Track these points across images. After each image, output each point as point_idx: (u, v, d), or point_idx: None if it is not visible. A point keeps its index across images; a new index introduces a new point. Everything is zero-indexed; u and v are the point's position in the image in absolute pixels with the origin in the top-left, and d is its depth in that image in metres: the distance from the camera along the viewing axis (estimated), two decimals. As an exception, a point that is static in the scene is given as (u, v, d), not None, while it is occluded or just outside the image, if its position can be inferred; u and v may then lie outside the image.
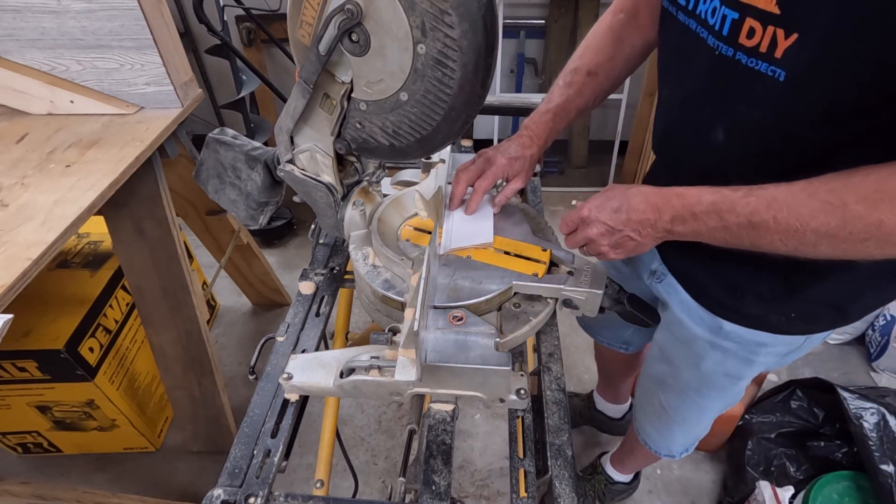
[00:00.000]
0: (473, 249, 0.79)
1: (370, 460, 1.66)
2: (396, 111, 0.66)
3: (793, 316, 0.75)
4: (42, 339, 1.32)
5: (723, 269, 0.77)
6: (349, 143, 0.72)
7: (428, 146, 0.69)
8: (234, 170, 0.84)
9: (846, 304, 0.73)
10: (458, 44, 0.57)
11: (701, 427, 1.08)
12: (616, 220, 0.68)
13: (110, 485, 1.62)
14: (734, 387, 0.91)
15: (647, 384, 1.08)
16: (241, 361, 1.99)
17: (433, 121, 0.65)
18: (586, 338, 2.00)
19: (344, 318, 1.08)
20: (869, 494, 1.26)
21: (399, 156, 0.72)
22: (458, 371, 0.64)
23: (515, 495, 0.64)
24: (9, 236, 0.88)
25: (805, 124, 0.57)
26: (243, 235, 1.75)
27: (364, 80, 0.65)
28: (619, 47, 0.86)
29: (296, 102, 0.70)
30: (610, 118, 2.87)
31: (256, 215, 0.86)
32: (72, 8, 1.10)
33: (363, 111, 0.68)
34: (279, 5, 2.18)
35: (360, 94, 0.67)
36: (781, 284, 0.73)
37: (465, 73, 0.60)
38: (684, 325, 0.87)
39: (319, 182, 0.78)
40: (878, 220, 0.50)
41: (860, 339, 1.99)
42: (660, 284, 0.91)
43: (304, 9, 0.61)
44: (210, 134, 0.84)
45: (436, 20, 0.56)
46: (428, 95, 0.63)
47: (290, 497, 0.63)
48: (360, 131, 0.71)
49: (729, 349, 0.83)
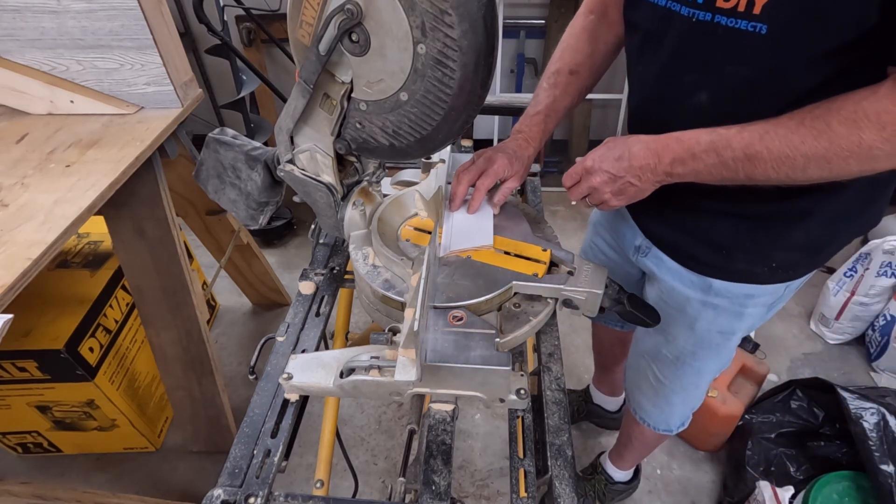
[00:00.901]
0: (473, 250, 0.79)
1: (370, 460, 1.66)
2: (396, 111, 0.66)
3: (774, 266, 0.81)
4: (42, 339, 1.32)
5: (706, 232, 0.82)
6: (349, 143, 0.72)
7: (428, 146, 0.69)
8: (235, 170, 0.83)
9: (822, 244, 0.79)
10: (458, 44, 0.57)
11: (698, 393, 1.11)
12: (618, 168, 0.72)
13: (110, 485, 1.62)
14: (727, 343, 0.96)
15: (639, 361, 1.12)
16: (241, 361, 1.99)
17: (433, 121, 0.65)
18: (586, 338, 2.01)
19: (344, 318, 1.08)
20: (869, 494, 1.26)
21: (399, 156, 0.72)
22: (458, 371, 0.64)
23: (515, 495, 0.64)
24: (9, 236, 0.88)
25: (791, 71, 0.61)
26: (243, 235, 1.75)
27: (364, 80, 0.65)
28: (595, 45, 0.92)
29: (296, 102, 0.70)
30: (610, 118, 2.87)
31: (256, 215, 0.86)
32: (72, 8, 1.10)
33: (363, 111, 0.68)
34: (279, 5, 2.18)
35: (360, 94, 0.67)
36: (764, 235, 0.78)
37: (465, 73, 0.60)
38: (676, 290, 0.92)
39: (319, 182, 0.78)
40: (858, 139, 0.56)
41: (860, 339, 1.99)
42: (646, 258, 0.96)
43: (304, 9, 0.61)
44: (210, 134, 0.84)
45: (436, 20, 0.56)
46: (428, 95, 0.63)
47: (290, 497, 0.62)
48: (360, 131, 0.71)
49: (720, 305, 0.88)
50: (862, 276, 1.84)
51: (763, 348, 1.88)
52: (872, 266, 1.80)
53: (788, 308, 2.16)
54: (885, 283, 1.80)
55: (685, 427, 1.20)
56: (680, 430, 1.20)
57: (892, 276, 1.79)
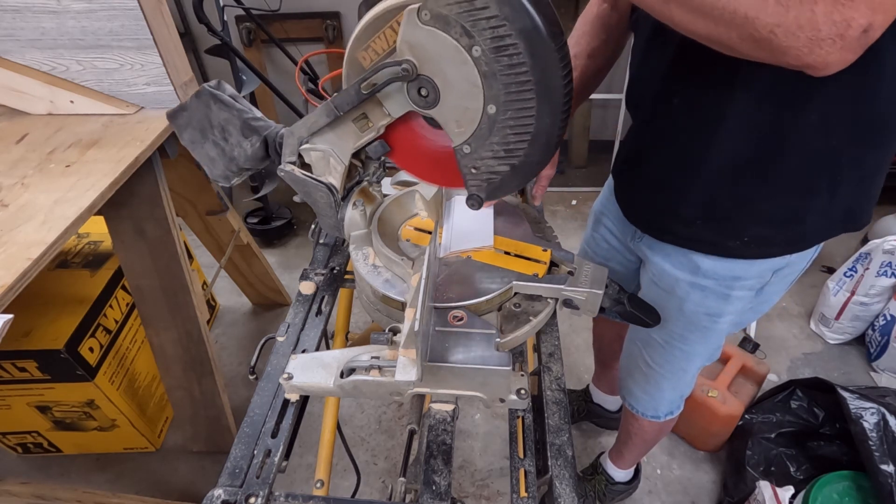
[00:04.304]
0: (473, 250, 0.79)
1: (370, 460, 1.66)
2: (495, 129, 0.61)
3: (746, 240, 0.83)
4: (42, 339, 1.32)
5: (676, 206, 0.86)
6: (480, 197, 0.68)
7: (543, 143, 0.62)
8: (224, 131, 0.78)
9: (789, 219, 0.80)
10: (502, 17, 0.54)
11: (687, 378, 1.12)
12: None
13: (110, 485, 1.62)
14: (715, 326, 0.97)
15: (632, 348, 1.15)
16: (241, 361, 1.99)
17: (531, 111, 0.59)
18: (586, 338, 2.00)
19: (344, 318, 1.08)
20: (869, 494, 1.26)
21: (526, 173, 0.65)
22: (458, 371, 0.64)
23: (515, 495, 0.64)
24: (9, 236, 0.88)
25: None
26: (243, 235, 1.75)
27: (453, 123, 0.62)
28: (609, 31, 0.95)
29: (318, 119, 0.68)
30: (610, 118, 2.87)
31: (232, 177, 0.81)
32: (72, 8, 1.10)
33: (469, 153, 0.64)
34: (279, 5, 2.18)
35: (458, 140, 0.63)
36: (729, 204, 0.81)
37: (527, 38, 0.54)
38: (665, 272, 0.95)
39: (320, 182, 0.78)
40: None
41: (860, 339, 1.99)
42: (640, 242, 1.01)
43: (377, 37, 0.59)
44: (206, 84, 0.77)
45: (470, 15, 0.54)
46: (510, 89, 0.58)
47: (291, 497, 0.63)
48: (478, 175, 0.66)
49: (707, 287, 0.91)
50: (862, 275, 1.84)
51: (763, 348, 1.88)
52: (872, 266, 1.80)
53: (788, 308, 2.16)
54: (885, 282, 1.80)
55: (673, 416, 1.22)
56: (668, 418, 1.22)
57: (892, 275, 1.79)
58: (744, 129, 0.73)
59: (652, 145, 0.88)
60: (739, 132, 0.73)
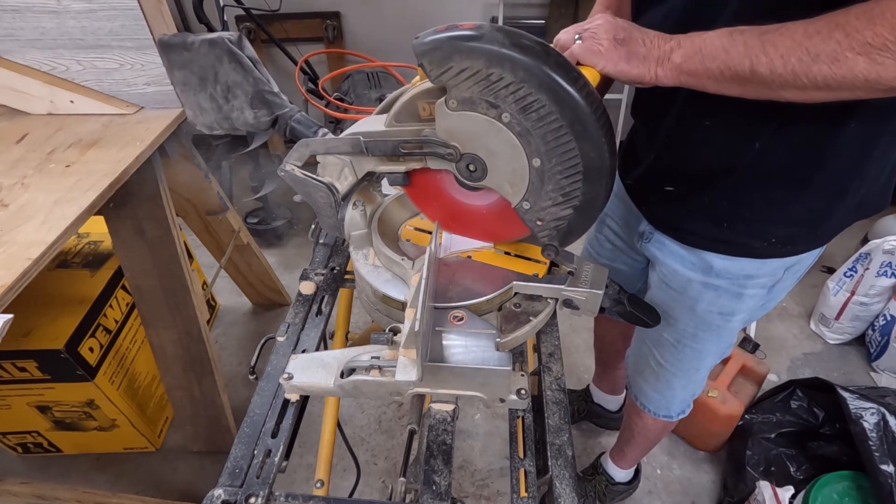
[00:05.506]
0: (474, 250, 0.79)
1: (370, 460, 1.66)
2: (546, 179, 0.63)
3: (773, 241, 0.83)
4: (42, 339, 1.32)
5: (709, 207, 0.85)
6: (556, 248, 0.70)
7: (597, 176, 0.62)
8: (228, 91, 0.76)
9: (819, 219, 0.81)
10: (518, 81, 0.56)
11: (698, 378, 1.12)
12: (623, 23, 0.69)
13: (110, 485, 1.62)
14: (727, 324, 0.97)
15: (641, 347, 1.14)
16: (241, 361, 1.99)
17: (573, 152, 0.60)
18: (586, 338, 2.01)
19: (344, 318, 1.08)
20: (869, 494, 1.26)
21: (592, 210, 0.66)
22: (458, 371, 0.64)
23: (516, 495, 0.64)
24: (9, 236, 0.88)
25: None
26: (243, 235, 1.75)
27: (507, 185, 0.64)
28: None
29: (343, 146, 0.68)
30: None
31: (217, 130, 0.80)
32: (72, 8, 1.10)
33: (530, 208, 0.66)
34: (279, 5, 2.18)
35: (515, 199, 0.66)
36: (763, 207, 0.80)
37: (548, 90, 0.56)
38: (678, 273, 0.94)
39: (320, 182, 0.78)
40: (871, 32, 0.53)
41: (860, 339, 1.99)
42: (649, 244, 0.99)
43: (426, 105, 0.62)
44: (228, 37, 0.73)
45: (490, 89, 0.57)
46: (548, 138, 0.59)
47: (291, 497, 0.63)
48: (546, 226, 0.68)
49: (720, 286, 0.91)
50: (862, 275, 1.84)
51: (763, 348, 1.88)
52: (872, 266, 1.80)
53: (788, 308, 2.16)
54: (885, 282, 1.81)
55: (685, 415, 1.22)
56: (680, 417, 1.21)
57: (892, 275, 1.79)
58: (782, 144, 0.74)
59: (680, 154, 0.85)
60: (779, 145, 0.74)
